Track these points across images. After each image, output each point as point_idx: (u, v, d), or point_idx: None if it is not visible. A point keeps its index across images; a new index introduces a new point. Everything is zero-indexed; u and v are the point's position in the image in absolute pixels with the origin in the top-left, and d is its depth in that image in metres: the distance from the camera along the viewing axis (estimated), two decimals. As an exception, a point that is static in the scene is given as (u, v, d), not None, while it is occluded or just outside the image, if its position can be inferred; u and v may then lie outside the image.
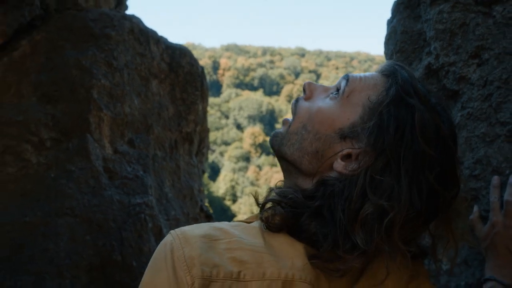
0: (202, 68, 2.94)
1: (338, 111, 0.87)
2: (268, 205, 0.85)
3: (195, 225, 0.80)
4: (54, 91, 1.99)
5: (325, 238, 0.77)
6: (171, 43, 2.72)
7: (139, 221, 2.05)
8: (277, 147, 0.96)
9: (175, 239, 0.75)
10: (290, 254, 0.76)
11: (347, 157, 0.84)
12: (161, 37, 2.66)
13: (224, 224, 0.81)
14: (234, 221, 0.89)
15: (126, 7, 3.40)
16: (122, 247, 1.99)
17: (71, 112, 2.00)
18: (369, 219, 0.75)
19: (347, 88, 0.88)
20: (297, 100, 0.97)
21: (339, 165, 0.84)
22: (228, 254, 0.73)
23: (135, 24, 2.43)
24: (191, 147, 2.87)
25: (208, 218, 2.92)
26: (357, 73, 0.94)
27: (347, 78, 0.91)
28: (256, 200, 0.90)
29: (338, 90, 0.90)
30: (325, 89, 0.94)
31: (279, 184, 0.98)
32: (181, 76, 2.72)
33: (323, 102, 0.91)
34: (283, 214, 0.79)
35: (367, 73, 0.92)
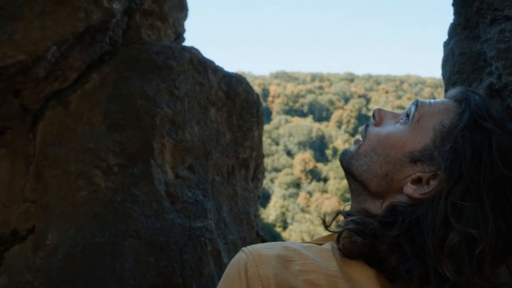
0: (258, 95, 3.02)
1: (409, 135, 0.88)
2: (345, 233, 0.84)
3: (267, 243, 0.82)
4: (121, 119, 2.12)
5: (409, 272, 0.75)
6: (227, 72, 2.83)
7: (199, 245, 2.10)
8: (346, 165, 0.97)
9: (248, 257, 0.76)
10: (364, 282, 0.75)
11: (417, 180, 0.84)
12: (218, 67, 2.77)
13: (296, 245, 0.81)
14: (304, 242, 0.90)
15: (183, 39, 3.57)
16: (183, 269, 2.05)
17: (136, 139, 2.11)
18: (456, 249, 0.72)
19: (417, 113, 0.89)
20: (367, 125, 0.99)
21: (409, 188, 0.83)
22: (303, 276, 0.73)
23: (194, 55, 2.55)
24: (247, 173, 2.92)
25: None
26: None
27: (416, 103, 0.92)
28: (324, 222, 0.91)
29: (408, 116, 0.91)
30: (395, 115, 0.96)
31: (347, 208, 0.98)
32: (238, 104, 2.80)
33: (393, 127, 0.92)
34: (362, 244, 0.78)
35: (437, 99, 0.93)
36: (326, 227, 0.91)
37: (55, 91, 2.31)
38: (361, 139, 0.99)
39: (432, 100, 0.93)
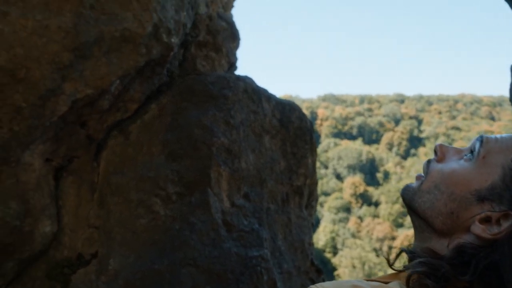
0: (311, 122, 3.02)
1: (474, 172, 0.85)
2: (414, 275, 0.83)
3: (335, 282, 0.82)
4: (179, 149, 2.19)
5: None
6: (280, 100, 2.86)
7: (256, 274, 2.10)
8: (408, 201, 0.96)
9: None
10: None
11: (486, 220, 0.81)
12: (272, 95, 2.80)
13: (363, 283, 0.81)
14: (370, 280, 0.89)
15: (236, 68, 3.66)
16: (239, 298, 2.05)
17: (194, 168, 2.16)
18: None
19: (482, 150, 0.87)
20: (428, 161, 0.97)
21: (477, 228, 0.81)
22: None
23: (248, 84, 2.60)
24: (301, 200, 2.91)
25: (319, 272, 2.89)
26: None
27: (481, 139, 0.89)
28: (388, 260, 0.90)
29: (472, 152, 0.89)
30: (458, 151, 0.94)
31: (411, 246, 0.96)
32: (292, 131, 2.81)
33: (456, 164, 0.90)
34: None
35: (503, 135, 0.90)
36: (391, 265, 0.90)
37: (117, 121, 2.42)
38: (422, 174, 0.97)
39: (498, 136, 0.90)
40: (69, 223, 2.27)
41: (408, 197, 0.97)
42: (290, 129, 2.82)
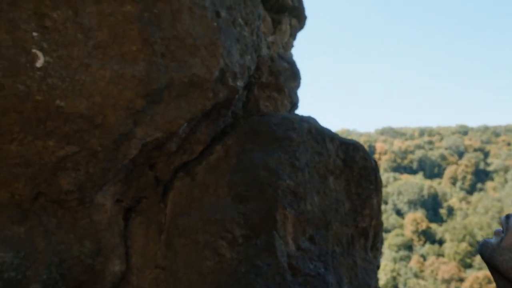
0: (375, 161, 2.95)
1: None
2: None
3: None
4: (245, 191, 2.19)
5: None
6: (344, 139, 2.82)
7: (323, 321, 2.02)
8: (487, 258, 0.91)
9: None
10: None
11: None
12: (335, 134, 2.77)
13: None
14: None
15: (297, 107, 3.68)
16: None
17: (259, 210, 2.16)
18: None
19: None
20: (507, 217, 0.92)
21: None
22: None
23: (312, 125, 2.60)
24: (367, 242, 2.81)
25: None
26: None
27: None
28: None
29: None
30: None
31: None
32: (356, 171, 2.75)
33: None
34: None
35: None
36: None
37: (183, 163, 2.48)
38: (501, 230, 0.92)
39: None
40: (137, 263, 2.32)
41: (487, 254, 0.92)
42: (354, 169, 2.76)
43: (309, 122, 2.56)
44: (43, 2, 1.89)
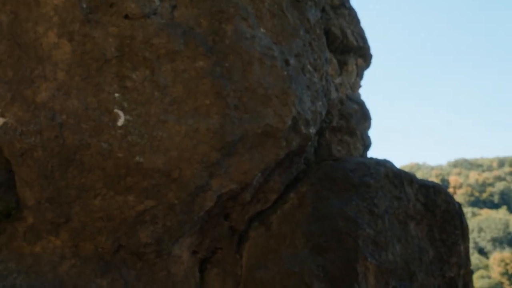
0: (459, 204, 2.75)
1: None
2: None
3: None
4: (324, 242, 2.11)
5: None
6: (424, 181, 2.66)
7: None
8: None
9: None
10: None
11: None
12: (414, 177, 2.63)
13: None
14: None
15: (369, 149, 3.57)
16: None
17: (339, 262, 2.06)
18: None
19: None
20: None
21: None
22: None
23: (389, 169, 2.48)
24: (457, 294, 2.58)
25: None
26: None
27: None
28: None
29: None
30: None
31: None
32: (438, 216, 2.57)
33: None
34: None
35: None
36: None
37: (257, 212, 2.46)
38: None
39: None
40: (215, 317, 2.28)
41: None
42: (436, 213, 2.58)
43: (386, 166, 2.46)
44: (124, 65, 2.01)
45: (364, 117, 3.40)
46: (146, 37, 2.03)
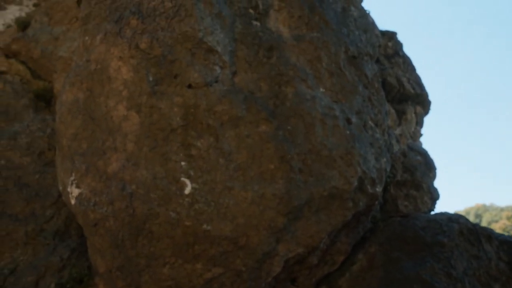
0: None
1: None
2: None
3: None
4: (400, 309, 1.98)
5: None
6: (505, 237, 2.48)
7: None
8: None
9: None
10: None
11: None
12: (492, 232, 2.46)
13: None
14: None
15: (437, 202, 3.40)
16: None
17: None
18: None
19: None
20: None
21: None
22: None
23: (463, 225, 2.34)
24: None
25: None
26: None
27: None
28: None
29: None
30: None
31: None
32: (524, 275, 2.36)
33: None
34: None
35: None
36: None
37: (324, 275, 2.37)
38: None
39: None
40: None
41: None
42: (522, 272, 2.37)
43: (459, 222, 2.32)
44: (189, 133, 2.06)
45: (428, 168, 3.27)
46: (209, 105, 2.09)
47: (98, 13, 2.42)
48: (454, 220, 2.34)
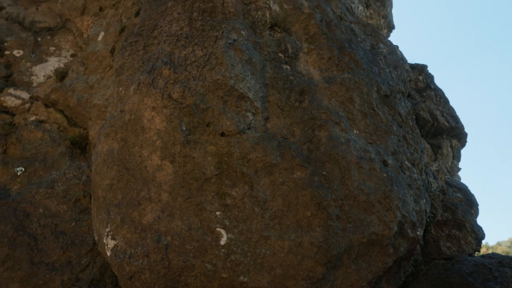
0: None
1: None
2: None
3: None
4: None
5: None
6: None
7: None
8: None
9: None
10: None
11: None
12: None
13: None
14: None
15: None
16: None
17: None
18: None
19: None
20: None
21: None
22: None
23: (514, 269, 2.20)
24: None
25: None
26: None
27: None
28: None
29: None
30: None
31: None
32: None
33: None
34: None
35: None
36: None
37: (367, 323, 2.26)
38: None
39: None
40: None
41: None
42: None
43: (511, 265, 2.19)
44: (223, 182, 2.04)
45: (470, 204, 3.14)
46: (243, 153, 2.07)
47: (131, 64, 2.48)
48: (505, 264, 2.22)
